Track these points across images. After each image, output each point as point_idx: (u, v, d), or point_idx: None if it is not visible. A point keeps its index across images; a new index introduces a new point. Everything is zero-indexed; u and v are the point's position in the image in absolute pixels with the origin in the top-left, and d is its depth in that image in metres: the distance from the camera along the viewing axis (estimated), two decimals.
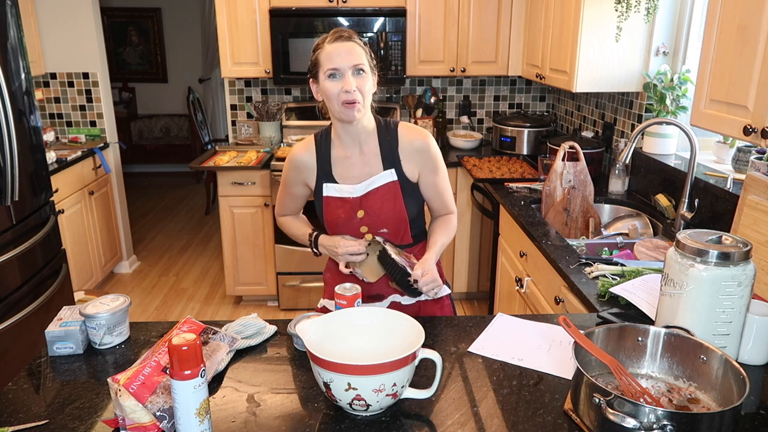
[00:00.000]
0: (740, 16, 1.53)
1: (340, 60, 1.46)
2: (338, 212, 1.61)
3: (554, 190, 2.55)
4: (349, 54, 1.46)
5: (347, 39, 1.48)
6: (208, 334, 1.30)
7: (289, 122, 3.94)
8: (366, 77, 1.49)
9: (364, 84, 1.48)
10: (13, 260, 2.51)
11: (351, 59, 1.46)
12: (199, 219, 5.70)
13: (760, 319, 1.25)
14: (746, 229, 1.64)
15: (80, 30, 3.91)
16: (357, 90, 1.47)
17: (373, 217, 1.60)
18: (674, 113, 2.56)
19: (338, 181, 1.61)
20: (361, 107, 1.50)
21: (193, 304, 3.92)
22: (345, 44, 1.47)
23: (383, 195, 1.58)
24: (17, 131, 2.47)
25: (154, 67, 7.30)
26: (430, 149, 1.61)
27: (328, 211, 1.63)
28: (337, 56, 1.46)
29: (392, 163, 1.59)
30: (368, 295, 1.68)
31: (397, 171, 1.59)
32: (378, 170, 1.59)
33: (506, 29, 3.58)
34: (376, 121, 1.62)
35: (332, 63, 1.47)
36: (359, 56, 1.47)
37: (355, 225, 1.61)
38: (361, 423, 1.09)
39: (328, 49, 1.48)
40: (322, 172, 1.63)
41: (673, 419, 0.93)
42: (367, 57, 1.51)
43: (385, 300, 1.69)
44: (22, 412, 1.13)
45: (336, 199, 1.61)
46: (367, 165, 1.60)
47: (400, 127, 1.62)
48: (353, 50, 1.47)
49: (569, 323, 1.12)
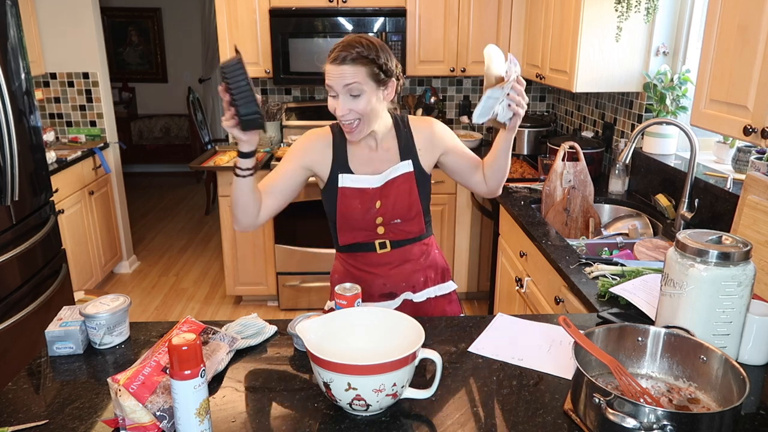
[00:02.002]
0: (740, 16, 1.53)
1: (332, 82, 1.46)
2: (354, 203, 1.60)
3: (554, 190, 2.55)
4: (341, 77, 1.45)
5: (341, 62, 1.44)
6: (208, 334, 1.30)
7: (289, 122, 3.94)
8: (362, 97, 1.47)
9: (357, 105, 1.47)
10: (13, 260, 2.51)
11: (342, 81, 1.45)
12: (199, 219, 5.70)
13: (760, 319, 1.25)
14: (746, 229, 1.64)
15: (80, 30, 3.91)
16: (352, 111, 1.47)
17: (388, 207, 1.61)
18: (674, 113, 2.56)
19: (355, 173, 1.62)
20: (360, 126, 1.51)
21: (193, 304, 3.92)
22: (336, 69, 1.45)
23: (400, 185, 1.61)
24: (17, 131, 2.47)
25: (154, 67, 7.30)
26: (437, 132, 1.65)
27: (343, 203, 1.61)
28: (330, 78, 1.47)
29: (409, 155, 1.63)
30: (381, 293, 1.69)
31: (414, 162, 1.62)
32: (396, 162, 1.62)
33: (506, 29, 3.58)
34: (393, 119, 1.64)
35: (328, 81, 1.47)
36: (352, 77, 1.44)
37: (372, 216, 1.62)
38: (361, 423, 1.09)
39: (328, 68, 1.47)
40: (338, 163, 1.61)
41: (673, 419, 0.93)
42: (370, 76, 1.46)
43: (398, 298, 1.71)
44: (22, 412, 1.13)
45: (353, 190, 1.61)
46: (385, 158, 1.62)
47: (411, 121, 1.66)
48: (344, 74, 1.44)
49: (569, 323, 1.12)
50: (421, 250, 1.70)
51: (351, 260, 1.70)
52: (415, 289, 1.71)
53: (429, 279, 1.73)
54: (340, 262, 1.74)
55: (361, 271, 1.68)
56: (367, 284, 1.67)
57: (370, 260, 1.67)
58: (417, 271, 1.70)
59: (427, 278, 1.72)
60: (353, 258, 1.69)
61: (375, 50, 1.47)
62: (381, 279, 1.68)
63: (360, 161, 1.62)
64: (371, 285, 1.68)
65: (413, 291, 1.71)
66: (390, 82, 1.52)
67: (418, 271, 1.70)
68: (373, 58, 1.46)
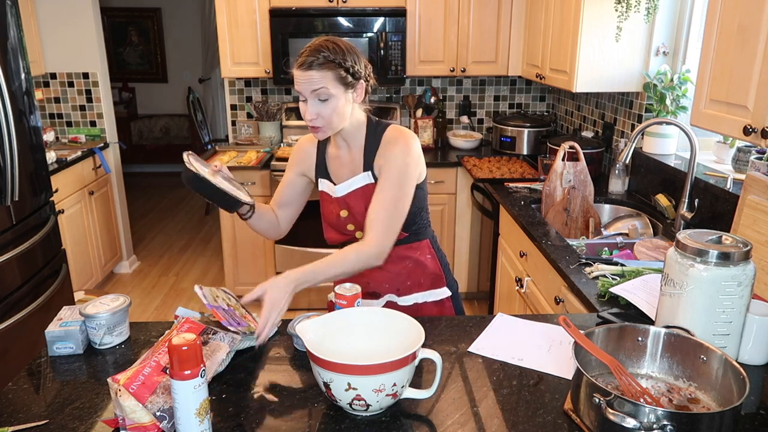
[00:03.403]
0: (740, 16, 1.53)
1: (299, 87, 1.46)
2: (330, 207, 1.65)
3: (554, 190, 2.55)
4: (308, 83, 1.44)
5: (307, 68, 1.43)
6: (208, 334, 1.30)
7: (289, 122, 3.94)
8: (330, 102, 1.46)
9: (326, 109, 1.46)
10: (13, 260, 2.51)
11: (310, 87, 1.45)
12: (199, 219, 5.70)
13: (760, 319, 1.25)
14: (746, 229, 1.64)
15: (80, 30, 3.91)
16: (320, 115, 1.47)
17: (357, 217, 1.61)
18: (674, 113, 2.56)
19: (332, 178, 1.65)
20: (326, 129, 1.50)
21: (193, 304, 3.91)
22: (304, 74, 1.44)
23: (361, 196, 1.59)
24: (17, 131, 2.47)
25: (154, 67, 7.30)
26: (393, 151, 1.53)
27: (323, 206, 1.68)
28: (298, 84, 1.46)
29: (369, 165, 1.58)
30: (365, 291, 1.68)
31: (373, 174, 1.58)
32: (359, 171, 1.60)
33: (506, 29, 3.58)
34: (368, 122, 1.59)
35: (297, 87, 1.47)
36: (318, 83, 1.44)
37: (342, 223, 1.65)
38: (361, 423, 1.09)
39: (295, 74, 1.47)
40: (320, 167, 1.67)
41: (673, 419, 0.93)
42: (337, 79, 1.45)
43: (381, 299, 1.70)
44: (22, 412, 1.13)
45: (327, 195, 1.66)
46: (352, 165, 1.61)
47: (389, 129, 1.58)
48: (311, 80, 1.44)
49: (569, 323, 1.12)
50: (406, 254, 1.67)
51: None
52: (400, 293, 1.69)
53: (416, 284, 1.70)
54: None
55: None
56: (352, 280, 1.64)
57: None
58: (401, 275, 1.68)
59: (413, 283, 1.69)
60: None
61: (341, 54, 1.45)
62: (365, 278, 1.67)
63: (335, 165, 1.64)
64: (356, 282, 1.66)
65: (398, 294, 1.69)
66: (359, 84, 1.50)
67: (402, 274, 1.68)
68: (339, 61, 1.44)
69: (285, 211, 1.72)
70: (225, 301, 1.40)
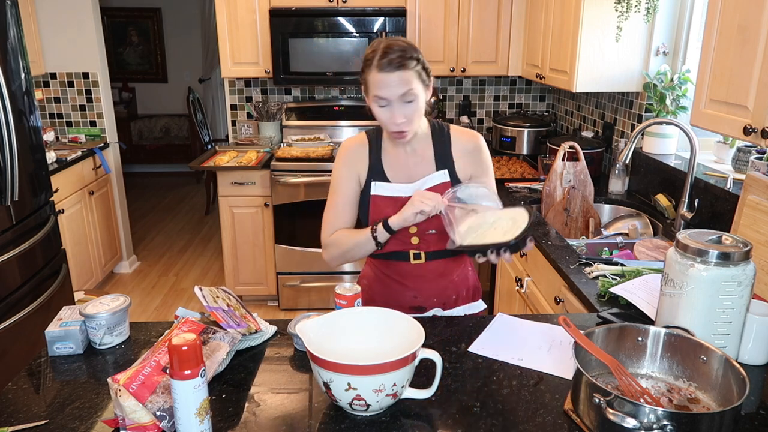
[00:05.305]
0: (740, 16, 1.53)
1: (387, 92, 1.39)
2: (387, 212, 1.53)
3: (554, 190, 2.55)
4: (398, 86, 1.38)
5: (397, 68, 1.37)
6: (208, 334, 1.30)
7: (289, 122, 3.94)
8: (415, 103, 1.42)
9: (413, 111, 1.43)
10: (13, 260, 2.51)
11: (400, 90, 1.39)
12: (199, 219, 5.70)
13: (760, 319, 1.25)
14: (746, 229, 1.64)
15: (80, 30, 3.91)
16: (407, 118, 1.43)
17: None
18: (674, 113, 2.56)
19: (390, 180, 1.57)
20: (411, 132, 1.48)
21: (193, 304, 3.91)
22: (393, 75, 1.37)
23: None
24: (17, 131, 2.47)
25: (154, 67, 7.30)
26: (482, 151, 1.59)
27: (375, 211, 1.57)
28: (385, 87, 1.39)
29: (445, 164, 1.57)
30: (411, 306, 1.63)
31: (450, 172, 1.57)
32: (431, 170, 1.56)
33: (506, 29, 3.58)
34: (430, 125, 1.59)
35: (380, 92, 1.40)
36: (408, 83, 1.39)
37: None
38: (361, 423, 1.09)
39: (377, 77, 1.39)
40: (374, 170, 1.58)
41: (673, 419, 0.93)
42: (418, 77, 1.42)
43: (427, 312, 1.65)
44: (22, 412, 1.13)
45: (386, 198, 1.56)
46: (420, 165, 1.57)
47: (452, 129, 1.60)
48: (402, 80, 1.38)
49: (569, 323, 1.12)
50: (457, 265, 1.65)
51: (383, 267, 1.64)
52: (446, 306, 1.66)
53: (460, 297, 1.68)
54: (371, 268, 1.68)
55: (392, 280, 1.63)
56: (397, 295, 1.62)
57: (403, 270, 1.61)
58: (449, 288, 1.65)
59: (458, 296, 1.67)
60: (385, 266, 1.63)
61: (416, 51, 1.43)
62: (412, 291, 1.62)
63: (395, 167, 1.57)
64: (401, 296, 1.62)
65: (443, 308, 1.65)
66: (430, 81, 1.49)
67: (450, 287, 1.65)
68: (417, 57, 1.42)
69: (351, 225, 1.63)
70: (225, 301, 1.40)
